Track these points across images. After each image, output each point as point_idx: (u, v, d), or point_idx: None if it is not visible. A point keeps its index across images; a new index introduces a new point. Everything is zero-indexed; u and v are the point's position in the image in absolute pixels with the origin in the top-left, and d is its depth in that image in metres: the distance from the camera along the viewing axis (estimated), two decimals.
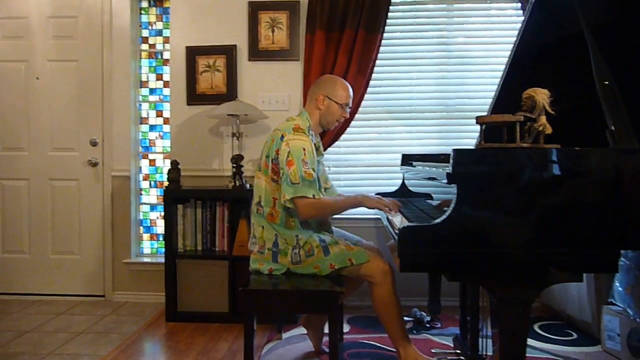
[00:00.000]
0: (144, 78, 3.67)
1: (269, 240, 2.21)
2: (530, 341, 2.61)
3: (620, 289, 2.49)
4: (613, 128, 1.55)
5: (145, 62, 3.67)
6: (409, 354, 2.14)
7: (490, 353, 2.12)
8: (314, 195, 2.11)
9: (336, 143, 3.31)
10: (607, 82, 1.61)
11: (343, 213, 2.35)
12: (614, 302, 2.51)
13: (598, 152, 1.49)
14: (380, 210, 2.20)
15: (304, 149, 2.15)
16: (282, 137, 2.19)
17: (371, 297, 2.17)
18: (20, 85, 3.61)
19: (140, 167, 3.68)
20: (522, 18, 2.21)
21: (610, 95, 1.60)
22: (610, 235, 1.47)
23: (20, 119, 3.62)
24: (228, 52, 3.37)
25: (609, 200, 1.47)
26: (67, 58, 3.58)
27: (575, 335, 2.76)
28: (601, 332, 2.55)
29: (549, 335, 2.77)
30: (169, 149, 3.55)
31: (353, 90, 2.47)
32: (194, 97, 3.41)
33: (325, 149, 3.19)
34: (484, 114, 2.23)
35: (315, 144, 2.30)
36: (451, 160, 1.48)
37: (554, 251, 1.46)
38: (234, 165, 3.14)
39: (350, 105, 2.41)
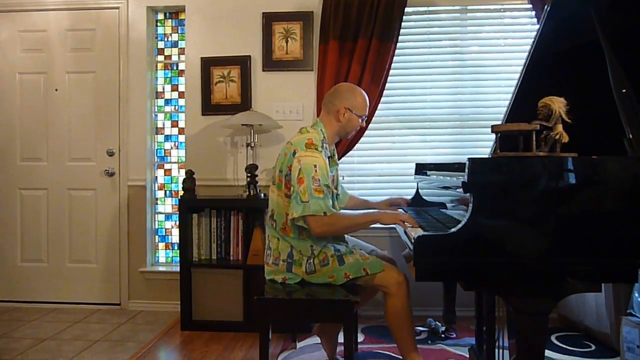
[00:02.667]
0: (159, 89, 3.72)
1: (284, 252, 2.21)
2: (547, 352, 2.57)
3: (639, 299, 2.44)
4: (631, 136, 1.54)
5: (160, 73, 3.72)
6: None
7: None
8: (325, 213, 2.07)
9: (350, 152, 3.32)
10: (624, 90, 1.60)
11: None
12: (633, 313, 2.46)
13: (616, 160, 1.48)
14: (399, 225, 2.10)
15: (315, 166, 2.10)
16: (295, 152, 2.15)
17: (384, 307, 2.15)
18: (40, 96, 3.69)
19: (156, 177, 3.72)
20: (537, 26, 2.20)
21: (627, 103, 1.59)
22: (629, 245, 1.44)
23: (39, 130, 3.69)
24: (242, 62, 3.41)
25: (627, 209, 1.45)
26: (84, 70, 3.65)
27: (593, 347, 2.72)
28: (620, 344, 2.49)
29: (567, 347, 2.73)
30: (184, 159, 3.58)
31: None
32: (209, 107, 3.45)
33: (339, 159, 3.19)
34: (499, 122, 2.22)
35: (329, 155, 2.29)
36: (466, 169, 1.48)
37: (572, 261, 1.44)
38: (248, 174, 3.16)
39: (366, 114, 2.40)
